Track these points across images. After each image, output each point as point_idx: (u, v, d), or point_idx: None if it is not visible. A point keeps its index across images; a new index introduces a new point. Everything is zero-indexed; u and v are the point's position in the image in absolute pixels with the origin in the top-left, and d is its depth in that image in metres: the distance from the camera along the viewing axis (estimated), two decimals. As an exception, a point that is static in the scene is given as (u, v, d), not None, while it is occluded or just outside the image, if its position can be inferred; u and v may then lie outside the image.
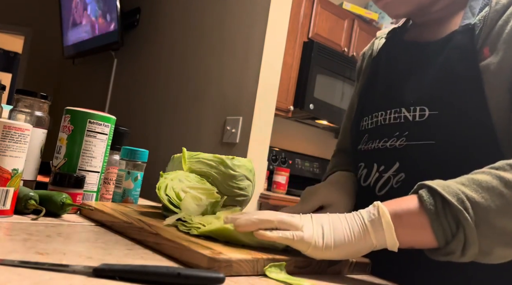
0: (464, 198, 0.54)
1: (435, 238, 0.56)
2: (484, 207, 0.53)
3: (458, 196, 0.54)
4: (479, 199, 0.54)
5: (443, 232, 0.55)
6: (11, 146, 0.65)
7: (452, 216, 0.54)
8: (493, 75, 0.64)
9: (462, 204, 0.54)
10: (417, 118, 0.70)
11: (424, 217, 0.55)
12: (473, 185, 0.55)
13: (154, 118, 3.01)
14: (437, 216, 0.55)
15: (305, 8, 2.94)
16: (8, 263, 0.42)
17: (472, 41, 0.67)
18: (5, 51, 6.31)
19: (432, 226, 0.55)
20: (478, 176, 0.56)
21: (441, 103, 0.68)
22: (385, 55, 0.87)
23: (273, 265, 0.54)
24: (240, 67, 2.38)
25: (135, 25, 3.41)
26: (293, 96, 2.93)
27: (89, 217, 0.75)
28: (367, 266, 0.68)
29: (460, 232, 0.54)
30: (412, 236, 0.56)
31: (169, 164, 0.89)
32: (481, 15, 0.69)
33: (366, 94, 0.88)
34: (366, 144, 0.81)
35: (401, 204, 0.57)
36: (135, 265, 0.46)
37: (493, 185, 0.54)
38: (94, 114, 0.84)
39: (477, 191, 0.54)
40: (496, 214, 0.54)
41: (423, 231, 0.56)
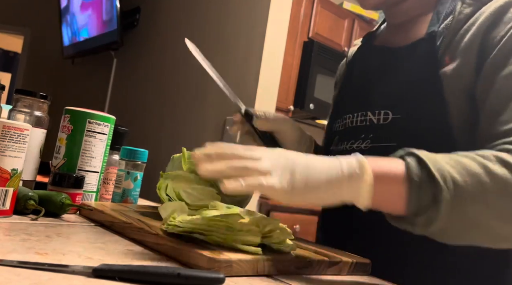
0: (448, 177, 0.53)
1: (407, 208, 0.55)
2: (464, 190, 0.53)
3: (443, 173, 0.53)
4: (461, 182, 0.54)
5: (416, 204, 0.54)
6: (11, 146, 0.65)
7: (432, 192, 0.54)
8: (452, 81, 0.67)
9: (445, 183, 0.53)
10: (381, 121, 0.73)
11: (405, 187, 0.54)
12: (458, 167, 0.55)
13: (154, 118, 3.00)
14: (419, 188, 0.54)
15: (305, 8, 2.94)
16: (7, 264, 0.42)
17: (435, 49, 0.70)
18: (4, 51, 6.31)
19: (409, 196, 0.54)
20: (464, 160, 0.56)
21: (404, 107, 0.71)
22: (358, 59, 0.91)
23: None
24: (240, 67, 2.38)
25: (134, 25, 3.41)
26: (293, 96, 2.93)
27: (89, 217, 0.75)
28: (367, 266, 0.68)
29: (433, 208, 0.53)
30: (385, 201, 0.56)
31: (169, 164, 0.89)
32: (445, 23, 0.72)
33: (339, 98, 0.92)
34: (336, 146, 0.84)
35: (386, 166, 0.56)
36: (135, 265, 0.46)
37: (477, 172, 0.54)
38: (94, 114, 0.84)
39: (462, 174, 0.54)
40: (471, 200, 0.54)
41: (398, 199, 0.55)
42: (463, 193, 0.53)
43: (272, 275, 0.56)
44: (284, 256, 0.58)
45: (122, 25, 3.24)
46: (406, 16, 0.81)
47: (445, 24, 0.72)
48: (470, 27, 0.69)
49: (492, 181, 0.54)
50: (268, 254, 0.57)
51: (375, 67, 0.83)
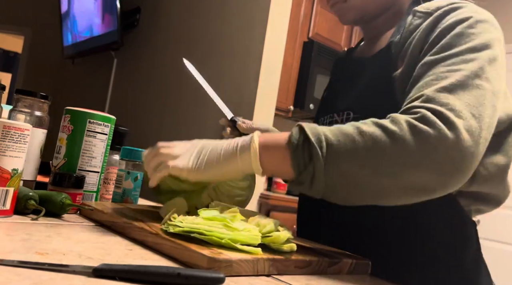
0: (322, 138, 0.61)
1: (292, 168, 0.63)
2: (337, 148, 0.61)
3: (318, 136, 0.61)
4: (334, 141, 0.61)
5: (297, 163, 0.62)
6: (11, 146, 0.65)
7: (308, 151, 0.62)
8: (400, 82, 0.75)
9: (319, 143, 0.61)
10: (344, 121, 0.81)
11: (287, 150, 0.63)
12: (335, 130, 0.62)
13: (154, 118, 3.01)
14: (296, 149, 0.62)
15: (305, 8, 2.94)
16: (8, 263, 0.42)
17: (390, 56, 0.79)
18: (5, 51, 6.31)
19: (291, 157, 0.63)
20: (344, 125, 0.63)
21: (362, 108, 0.79)
22: (337, 69, 1.02)
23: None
24: (240, 67, 2.38)
25: (135, 25, 3.41)
26: (293, 96, 2.93)
27: (89, 217, 0.75)
28: (366, 266, 0.68)
29: (311, 165, 0.61)
30: (274, 166, 0.65)
31: (169, 164, 0.89)
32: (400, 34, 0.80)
33: (320, 105, 1.03)
34: None
35: (273, 137, 0.66)
36: (135, 265, 0.46)
37: (350, 132, 0.61)
38: (94, 114, 0.84)
39: (336, 135, 0.62)
40: (345, 157, 0.61)
41: (284, 162, 0.63)
42: (336, 150, 0.61)
43: (272, 275, 0.56)
44: (284, 256, 0.58)
45: (122, 25, 3.24)
46: (377, 31, 0.90)
47: (400, 35, 0.80)
48: (415, 35, 0.76)
49: (363, 139, 0.60)
50: (268, 254, 0.57)
51: (345, 75, 0.93)
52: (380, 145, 0.59)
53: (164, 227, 0.61)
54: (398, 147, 0.59)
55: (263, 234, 0.60)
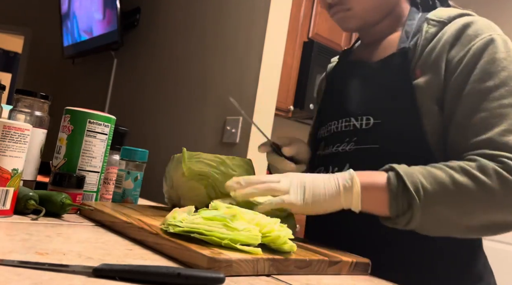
0: (419, 186, 0.68)
1: (389, 211, 0.70)
2: (432, 196, 0.68)
3: (416, 185, 0.68)
4: (430, 190, 0.68)
5: (396, 209, 0.69)
6: (11, 146, 0.65)
7: (407, 199, 0.68)
8: (423, 92, 0.78)
9: (417, 192, 0.68)
10: (364, 126, 0.83)
11: (386, 195, 0.70)
12: (430, 178, 0.69)
13: (154, 118, 3.01)
14: (396, 197, 0.69)
15: (305, 8, 2.94)
16: (8, 263, 0.42)
17: (407, 63, 0.81)
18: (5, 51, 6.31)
19: (390, 202, 0.70)
20: (435, 171, 0.70)
21: (383, 114, 0.81)
22: (337, 73, 1.02)
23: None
24: (240, 67, 2.38)
25: (135, 25, 3.41)
26: (293, 96, 2.93)
27: (89, 217, 0.75)
28: (367, 266, 0.68)
29: (409, 212, 0.69)
30: (373, 206, 0.71)
31: (169, 164, 0.89)
32: (414, 41, 0.83)
33: (322, 109, 1.02)
34: (323, 150, 0.92)
35: (371, 178, 0.72)
36: (135, 265, 0.46)
37: (444, 181, 0.68)
38: (94, 114, 0.84)
39: (432, 183, 0.68)
40: (440, 204, 0.68)
41: (382, 204, 0.71)
42: (432, 198, 0.68)
43: (272, 275, 0.56)
44: (284, 256, 0.58)
45: (122, 25, 3.24)
46: (377, 35, 0.91)
47: (413, 41, 0.82)
48: (435, 45, 0.79)
49: (456, 189, 0.68)
50: (268, 253, 0.57)
51: (353, 79, 0.93)
52: (472, 195, 0.68)
53: (164, 227, 0.61)
54: (489, 197, 0.67)
55: (263, 234, 0.60)
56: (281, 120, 3.27)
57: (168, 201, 0.90)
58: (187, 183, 0.82)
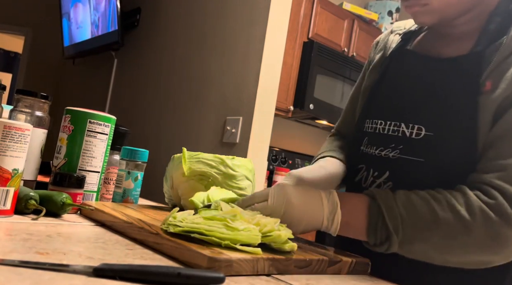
0: (399, 224, 0.67)
1: (368, 240, 0.70)
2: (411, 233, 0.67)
3: (395, 222, 0.67)
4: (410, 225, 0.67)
5: (374, 239, 0.69)
6: (12, 146, 0.65)
7: (385, 233, 0.68)
8: (487, 110, 0.69)
9: (395, 229, 0.67)
10: (414, 136, 0.76)
11: (365, 224, 0.70)
12: (411, 211, 0.67)
13: (154, 118, 3.01)
14: (375, 229, 0.69)
15: (305, 8, 2.94)
16: (8, 263, 0.42)
17: (478, 71, 0.71)
18: (5, 51, 6.30)
19: (368, 233, 0.70)
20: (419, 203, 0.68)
21: (437, 126, 0.74)
22: (395, 59, 0.89)
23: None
24: (240, 67, 2.38)
25: (135, 25, 3.41)
26: (293, 96, 2.93)
27: (89, 217, 0.75)
28: (366, 265, 0.68)
29: (386, 244, 0.69)
30: (352, 231, 0.71)
31: (169, 164, 0.89)
32: (494, 45, 0.72)
33: (372, 96, 0.90)
34: (366, 148, 0.85)
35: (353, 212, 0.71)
36: (135, 265, 0.46)
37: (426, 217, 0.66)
38: (94, 114, 0.84)
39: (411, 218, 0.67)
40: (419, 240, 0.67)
41: (361, 231, 0.70)
42: (411, 236, 0.67)
43: (272, 275, 0.56)
44: (284, 256, 0.58)
45: (122, 26, 3.24)
46: (454, 29, 0.80)
47: (494, 46, 0.72)
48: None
49: (437, 227, 0.66)
50: (268, 253, 0.57)
51: (411, 74, 0.83)
52: (453, 234, 0.65)
53: (164, 227, 0.61)
54: (470, 237, 0.65)
55: (263, 234, 0.60)
56: (281, 120, 3.27)
57: (168, 201, 0.90)
58: (187, 183, 0.82)
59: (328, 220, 0.69)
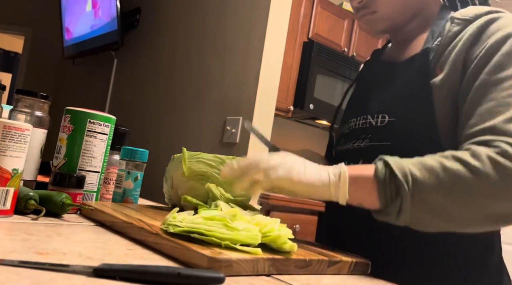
0: (407, 172, 0.65)
1: (378, 201, 0.67)
2: (421, 182, 0.65)
3: (404, 171, 0.65)
4: (419, 176, 0.65)
5: (385, 197, 0.66)
6: (11, 146, 0.65)
7: (395, 185, 0.65)
8: (439, 90, 0.76)
9: (405, 177, 0.65)
10: (379, 124, 0.82)
11: (374, 183, 0.67)
12: (419, 165, 0.66)
13: (154, 118, 3.01)
14: (384, 183, 0.66)
15: (305, 8, 2.94)
16: (8, 263, 0.42)
17: (427, 63, 0.80)
18: (5, 51, 6.30)
19: (378, 191, 0.67)
20: (426, 159, 0.67)
21: (398, 112, 0.80)
22: (364, 73, 1.03)
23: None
24: (240, 67, 2.38)
25: (135, 25, 3.41)
26: (293, 96, 2.93)
27: (89, 217, 0.75)
28: (366, 266, 0.68)
29: (398, 199, 0.65)
30: (361, 196, 0.68)
31: (169, 164, 0.89)
32: (437, 41, 0.81)
33: (347, 108, 1.03)
34: (341, 146, 0.93)
35: (361, 170, 0.69)
36: (135, 265, 0.46)
37: (434, 167, 0.65)
38: (94, 114, 0.84)
39: (420, 170, 0.65)
40: (429, 191, 0.65)
41: (371, 195, 0.67)
42: (421, 185, 0.65)
43: (272, 275, 0.56)
44: (284, 256, 0.58)
45: (122, 26, 3.24)
46: (407, 35, 0.90)
47: (437, 41, 0.81)
48: (457, 43, 0.77)
49: (446, 175, 0.64)
50: (268, 253, 0.57)
51: (376, 78, 0.93)
52: (464, 181, 0.64)
53: (164, 227, 0.61)
54: (482, 183, 0.64)
55: (263, 234, 0.60)
56: (281, 120, 3.27)
57: (168, 201, 0.90)
58: (187, 183, 0.82)
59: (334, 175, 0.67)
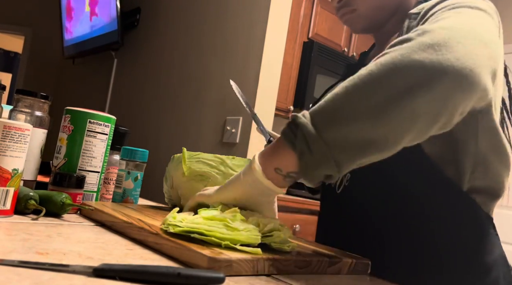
0: (305, 111, 0.59)
1: (288, 149, 0.59)
2: (321, 108, 0.57)
3: (303, 114, 0.58)
4: (317, 106, 0.58)
5: (288, 138, 0.59)
6: (11, 146, 0.65)
7: (294, 124, 0.58)
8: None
9: (302, 115, 0.58)
10: None
11: (278, 141, 0.61)
12: (327, 100, 0.58)
13: (154, 118, 3.01)
14: (284, 132, 0.60)
15: (305, 8, 2.94)
16: (8, 263, 0.42)
17: None
18: (5, 51, 6.31)
19: (282, 139, 0.60)
20: (336, 91, 0.58)
21: None
22: (347, 76, 0.96)
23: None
24: (240, 67, 2.38)
25: (135, 25, 3.41)
26: (293, 96, 2.93)
27: (89, 217, 0.75)
28: (366, 266, 0.68)
29: (298, 130, 0.57)
30: (276, 162, 0.61)
31: (169, 164, 0.89)
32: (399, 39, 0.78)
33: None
34: None
35: (271, 147, 0.63)
36: (135, 265, 0.46)
37: (342, 86, 0.58)
38: (94, 114, 0.84)
39: (325, 100, 0.58)
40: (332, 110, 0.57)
41: (281, 153, 0.60)
42: (322, 110, 0.57)
43: (272, 275, 0.56)
44: (284, 256, 0.58)
45: (122, 26, 3.24)
46: (386, 36, 0.91)
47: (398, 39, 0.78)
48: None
49: (355, 84, 0.57)
50: (268, 253, 0.57)
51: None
52: (380, 75, 0.56)
53: (164, 227, 0.61)
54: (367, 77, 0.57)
55: (263, 234, 0.60)
56: (281, 120, 3.27)
57: (168, 201, 0.90)
58: (187, 183, 0.82)
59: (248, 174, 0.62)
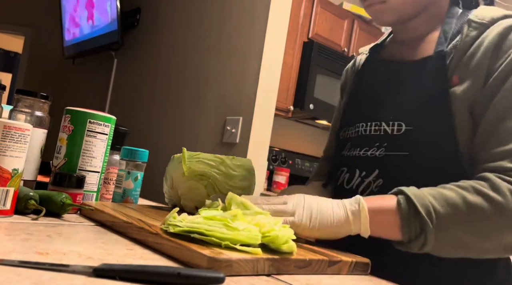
0: (431, 209, 0.67)
1: (402, 236, 0.69)
2: (445, 219, 0.67)
3: (427, 208, 0.67)
4: (443, 212, 0.67)
5: (409, 233, 0.68)
6: (11, 146, 0.65)
7: (419, 224, 0.67)
8: (460, 100, 0.75)
9: (429, 216, 0.67)
10: (395, 132, 0.80)
11: (397, 219, 0.69)
12: (441, 200, 0.68)
13: (154, 118, 3.01)
14: (408, 221, 0.68)
15: (305, 8, 2.94)
16: (8, 263, 0.42)
17: (444, 68, 0.78)
18: (5, 51, 6.30)
19: (401, 227, 0.69)
20: (446, 192, 0.69)
21: (415, 120, 0.78)
22: (367, 70, 0.97)
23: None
24: (240, 67, 2.38)
25: (135, 25, 3.41)
26: (293, 96, 2.93)
27: (89, 217, 0.75)
28: (366, 265, 0.68)
29: (422, 236, 0.68)
30: (383, 230, 0.71)
31: (169, 164, 0.89)
32: (452, 44, 0.79)
33: (350, 107, 0.97)
34: (349, 151, 0.89)
35: (381, 203, 0.71)
36: (135, 265, 0.46)
37: (456, 202, 0.67)
38: (94, 114, 0.84)
39: (443, 206, 0.67)
40: (453, 227, 0.67)
41: (393, 229, 0.70)
42: (445, 221, 0.67)
43: (272, 275, 0.56)
44: (284, 256, 0.58)
45: (122, 26, 3.24)
46: (413, 33, 0.87)
47: (452, 45, 0.79)
48: (476, 50, 0.75)
49: (469, 210, 0.67)
50: (268, 253, 0.57)
51: (384, 79, 0.89)
52: (486, 216, 0.66)
53: (164, 227, 0.61)
54: (504, 217, 0.66)
55: (263, 234, 0.60)
56: (281, 120, 3.27)
57: (168, 201, 0.90)
58: (187, 183, 0.82)
59: (353, 213, 0.69)
